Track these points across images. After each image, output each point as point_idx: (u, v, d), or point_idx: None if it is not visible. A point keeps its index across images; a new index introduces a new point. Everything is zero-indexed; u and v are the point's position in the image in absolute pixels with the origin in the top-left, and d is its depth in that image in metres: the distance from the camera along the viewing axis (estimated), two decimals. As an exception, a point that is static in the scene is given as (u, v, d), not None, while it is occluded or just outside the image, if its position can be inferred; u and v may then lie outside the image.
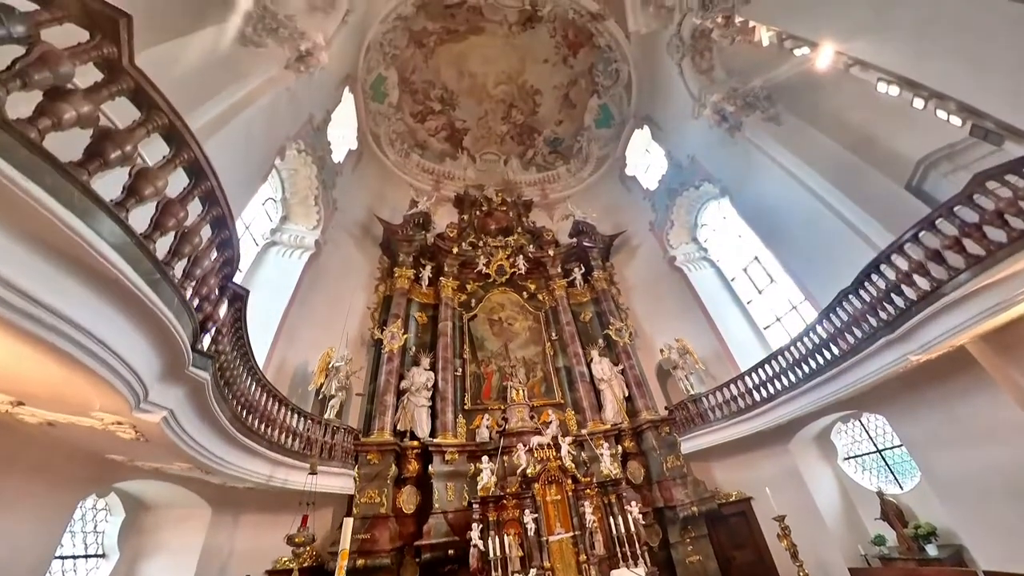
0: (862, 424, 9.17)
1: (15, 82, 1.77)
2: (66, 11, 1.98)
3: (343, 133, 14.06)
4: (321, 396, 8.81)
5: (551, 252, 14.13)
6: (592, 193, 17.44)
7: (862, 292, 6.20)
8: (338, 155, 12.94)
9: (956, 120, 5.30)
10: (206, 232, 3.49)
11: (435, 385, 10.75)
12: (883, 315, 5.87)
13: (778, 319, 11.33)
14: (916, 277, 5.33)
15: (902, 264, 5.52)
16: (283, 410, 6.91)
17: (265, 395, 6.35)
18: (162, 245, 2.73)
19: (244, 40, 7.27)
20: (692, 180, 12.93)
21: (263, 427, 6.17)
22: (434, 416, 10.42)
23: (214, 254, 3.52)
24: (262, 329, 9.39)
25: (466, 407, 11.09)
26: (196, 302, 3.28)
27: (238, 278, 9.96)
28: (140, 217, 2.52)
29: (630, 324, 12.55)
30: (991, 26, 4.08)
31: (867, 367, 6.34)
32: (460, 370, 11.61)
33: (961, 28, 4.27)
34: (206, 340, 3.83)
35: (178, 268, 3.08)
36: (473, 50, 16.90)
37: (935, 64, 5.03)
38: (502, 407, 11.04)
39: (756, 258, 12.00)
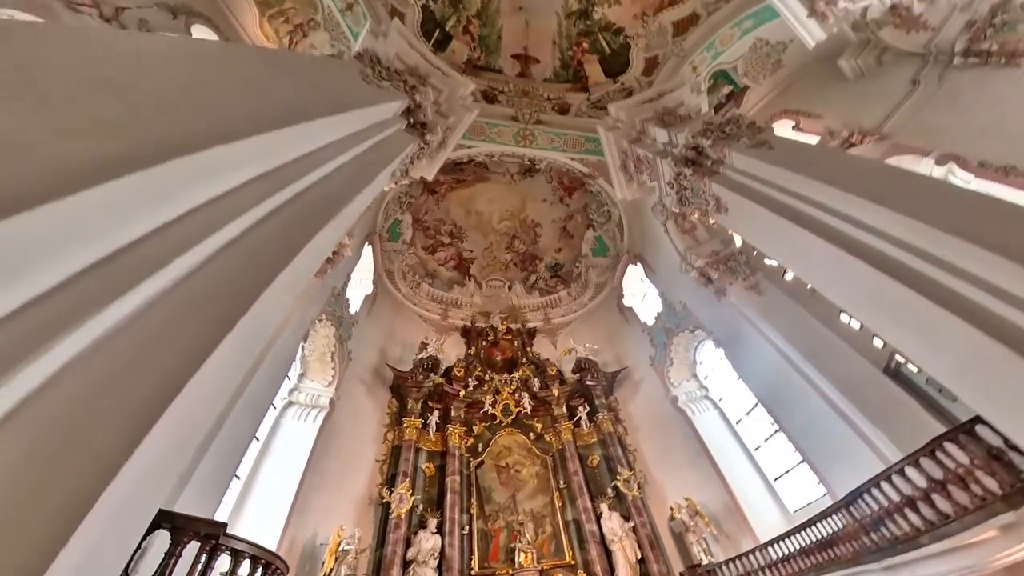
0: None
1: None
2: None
3: (360, 278, 15.29)
4: (329, 585, 8.78)
5: (555, 391, 14.52)
6: (593, 319, 18.27)
7: (852, 510, 6.47)
8: (355, 307, 13.97)
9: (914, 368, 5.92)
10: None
11: (442, 551, 10.62)
12: (875, 537, 6.11)
13: (787, 471, 11.34)
14: (897, 516, 5.65)
15: (882, 499, 5.87)
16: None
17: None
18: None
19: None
20: (686, 324, 13.67)
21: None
22: (441, 588, 10.19)
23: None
24: (277, 502, 9.64)
25: (473, 572, 10.84)
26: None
27: (255, 447, 10.51)
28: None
29: (639, 471, 12.52)
30: (935, 313, 4.19)
31: (871, 580, 6.43)
32: (467, 527, 11.51)
33: (907, 308, 4.28)
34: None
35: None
36: (480, 194, 18.96)
37: (888, 327, 5.00)
38: (510, 571, 10.79)
39: (758, 404, 12.27)
